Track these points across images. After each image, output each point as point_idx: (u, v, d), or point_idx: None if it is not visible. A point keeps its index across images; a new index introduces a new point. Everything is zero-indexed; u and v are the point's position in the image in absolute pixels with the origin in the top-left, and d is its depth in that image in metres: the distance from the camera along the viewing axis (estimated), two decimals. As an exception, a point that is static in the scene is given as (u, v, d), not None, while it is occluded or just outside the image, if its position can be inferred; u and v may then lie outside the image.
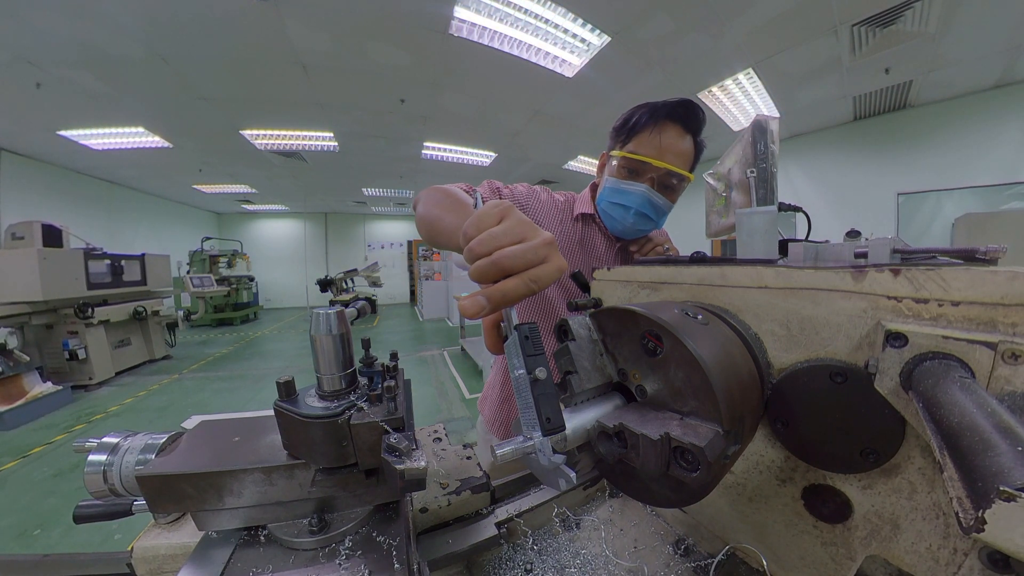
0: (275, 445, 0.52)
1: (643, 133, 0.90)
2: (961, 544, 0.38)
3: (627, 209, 0.95)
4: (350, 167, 7.55)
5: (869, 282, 0.41)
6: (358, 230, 13.52)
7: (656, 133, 0.90)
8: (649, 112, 0.90)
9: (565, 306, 0.80)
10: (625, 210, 0.95)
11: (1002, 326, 0.33)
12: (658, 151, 0.90)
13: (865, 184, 5.24)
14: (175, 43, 3.45)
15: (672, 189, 0.97)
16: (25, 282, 4.07)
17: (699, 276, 0.58)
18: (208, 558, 0.47)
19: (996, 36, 3.32)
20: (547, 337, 0.94)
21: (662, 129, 0.90)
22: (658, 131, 0.89)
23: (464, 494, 0.68)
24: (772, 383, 0.49)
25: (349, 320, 0.54)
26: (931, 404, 0.28)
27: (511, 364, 0.39)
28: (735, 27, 3.30)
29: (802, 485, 0.50)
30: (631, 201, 0.94)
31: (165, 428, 0.60)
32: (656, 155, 0.90)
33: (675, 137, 0.91)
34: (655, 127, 0.90)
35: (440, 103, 4.81)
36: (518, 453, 0.38)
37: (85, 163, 6.58)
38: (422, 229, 0.78)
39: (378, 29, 3.34)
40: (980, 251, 0.48)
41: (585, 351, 0.49)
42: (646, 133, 0.90)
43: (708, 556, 0.62)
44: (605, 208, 1.00)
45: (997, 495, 0.18)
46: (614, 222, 1.00)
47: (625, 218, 0.96)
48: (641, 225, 0.98)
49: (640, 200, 0.93)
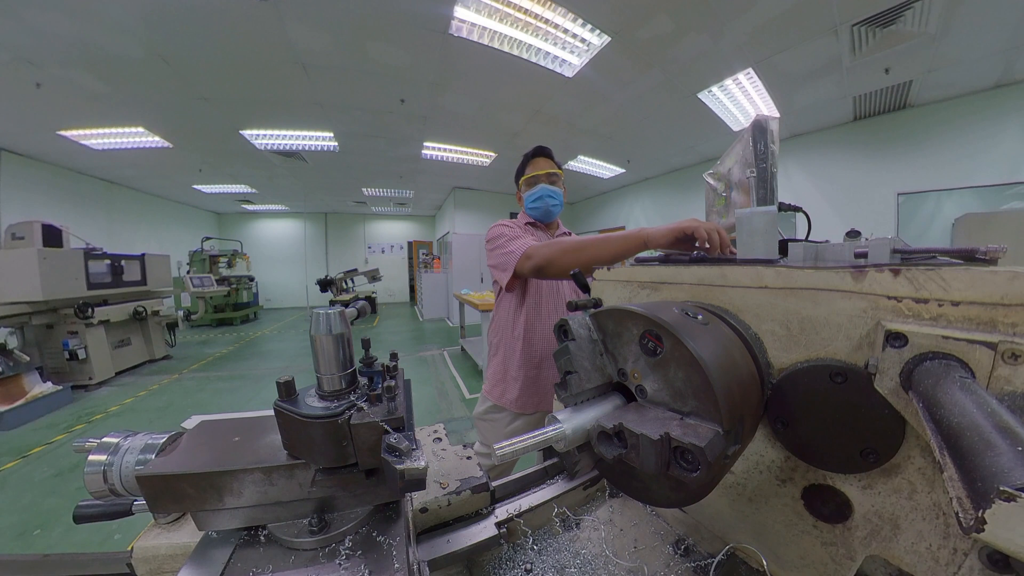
0: (275, 445, 0.52)
1: (529, 166, 1.61)
2: (961, 544, 0.38)
3: (541, 199, 1.55)
4: (350, 167, 7.55)
5: (869, 282, 0.41)
6: (358, 230, 13.52)
7: (534, 163, 1.61)
8: (528, 156, 1.63)
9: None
10: (540, 200, 1.56)
11: (1002, 326, 0.33)
12: (537, 168, 1.58)
13: (865, 184, 5.24)
14: (175, 43, 3.45)
15: (555, 183, 1.58)
16: (25, 282, 4.07)
17: (699, 276, 0.58)
18: (208, 558, 0.47)
19: (996, 36, 3.32)
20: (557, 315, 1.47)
21: (535, 161, 1.61)
22: (534, 162, 1.61)
23: (464, 494, 0.68)
24: (772, 383, 0.49)
25: (349, 320, 0.54)
26: (931, 404, 0.28)
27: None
28: (735, 27, 3.30)
29: (802, 485, 0.50)
30: (541, 193, 1.55)
31: (165, 428, 0.60)
32: (538, 170, 1.57)
33: (542, 161, 1.61)
34: (533, 160, 1.61)
35: (440, 103, 4.81)
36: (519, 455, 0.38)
37: (85, 163, 6.58)
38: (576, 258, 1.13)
39: (378, 29, 3.34)
40: (980, 251, 0.48)
41: (585, 351, 0.49)
42: (530, 165, 1.61)
43: (708, 556, 0.62)
44: (532, 209, 1.59)
45: (997, 495, 0.18)
46: (540, 212, 1.58)
47: (542, 205, 1.56)
48: (552, 204, 1.56)
49: (543, 191, 1.55)
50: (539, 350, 1.47)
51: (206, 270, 9.29)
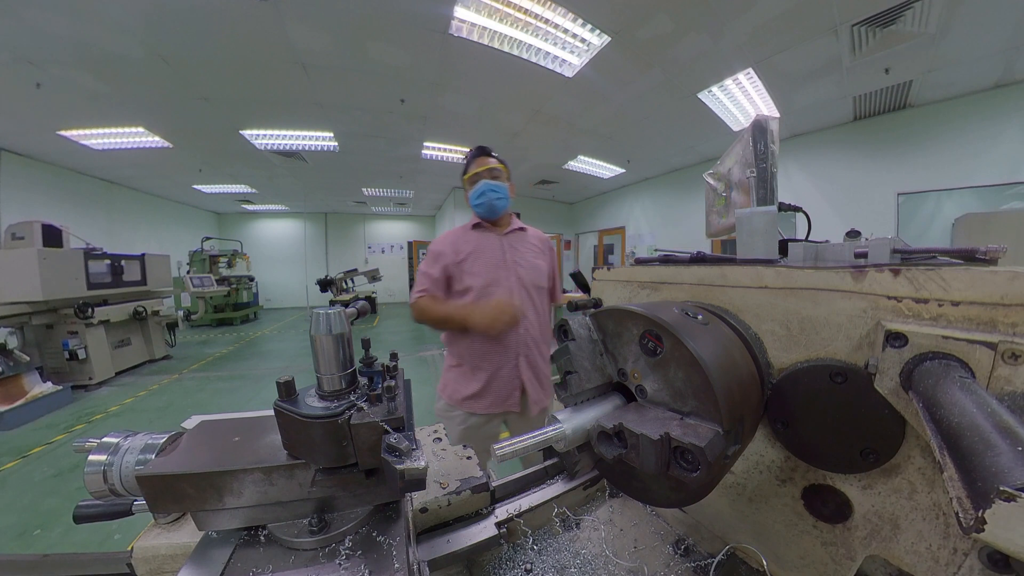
0: (275, 445, 0.52)
1: (472, 164, 1.60)
2: (961, 544, 0.38)
3: (484, 194, 1.54)
4: (350, 167, 7.54)
5: (869, 282, 0.41)
6: (358, 230, 13.52)
7: (476, 161, 1.60)
8: (470, 156, 1.64)
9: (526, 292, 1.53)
10: (484, 196, 1.54)
11: (1002, 326, 0.33)
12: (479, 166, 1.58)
13: (865, 184, 5.24)
14: (175, 43, 3.45)
15: (498, 178, 1.57)
16: (25, 282, 4.07)
17: (699, 276, 0.58)
18: (208, 558, 0.47)
19: (996, 36, 3.32)
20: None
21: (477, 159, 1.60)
22: (476, 160, 1.60)
23: (464, 494, 0.68)
24: (772, 383, 0.49)
25: (349, 320, 0.54)
26: (931, 404, 0.28)
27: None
28: (735, 27, 3.30)
29: (802, 485, 0.50)
30: (483, 188, 1.54)
31: (165, 428, 0.60)
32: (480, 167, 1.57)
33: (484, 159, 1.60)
34: (475, 159, 1.61)
35: (440, 103, 4.80)
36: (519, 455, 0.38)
37: (85, 163, 6.58)
38: (422, 319, 1.52)
39: (378, 29, 3.34)
40: (980, 251, 0.48)
41: (585, 351, 0.49)
42: (473, 164, 1.60)
43: (708, 556, 0.62)
44: (476, 206, 1.57)
45: (997, 495, 0.18)
46: (484, 208, 1.56)
47: (486, 201, 1.54)
48: (496, 199, 1.54)
49: (486, 186, 1.54)
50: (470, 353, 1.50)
51: (206, 270, 9.29)
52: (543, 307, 1.60)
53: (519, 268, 1.53)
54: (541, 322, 1.56)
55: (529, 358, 1.49)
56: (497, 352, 1.46)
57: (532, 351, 1.50)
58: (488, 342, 1.45)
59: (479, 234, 1.58)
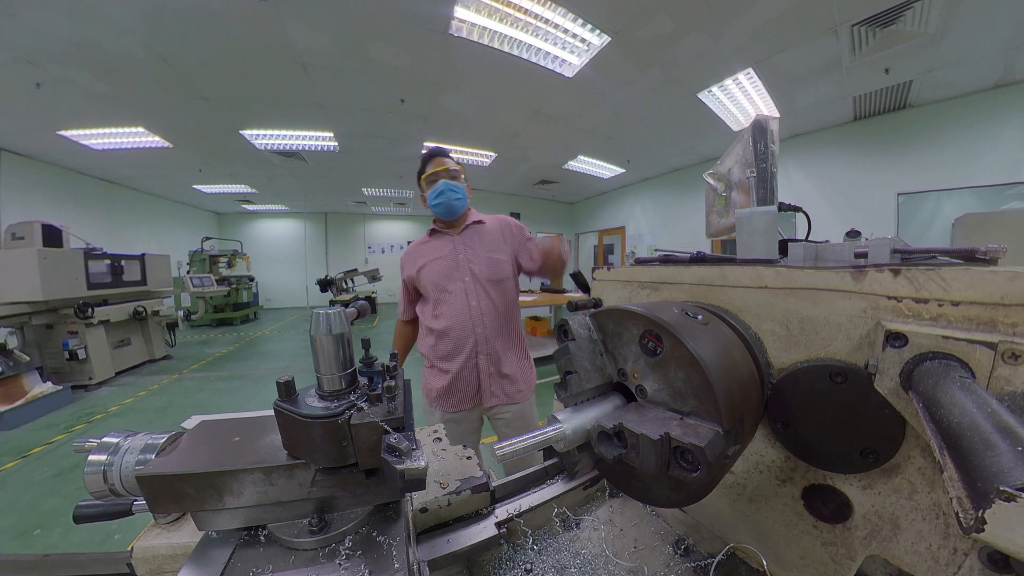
0: (275, 445, 0.52)
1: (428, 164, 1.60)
2: (961, 544, 0.38)
3: (443, 194, 1.54)
4: (350, 167, 7.55)
5: (869, 282, 0.41)
6: (358, 230, 13.51)
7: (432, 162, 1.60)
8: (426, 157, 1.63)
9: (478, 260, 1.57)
10: (442, 195, 1.54)
11: (1002, 326, 0.33)
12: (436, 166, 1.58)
13: (865, 184, 5.24)
14: (175, 43, 3.45)
15: (455, 177, 1.57)
16: (25, 282, 4.07)
17: (699, 276, 0.58)
18: (208, 558, 0.47)
19: (996, 36, 3.32)
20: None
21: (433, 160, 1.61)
22: (432, 161, 1.60)
23: (464, 494, 0.68)
24: (772, 383, 0.49)
25: (349, 320, 0.54)
26: (931, 404, 0.28)
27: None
28: (735, 27, 3.30)
29: (802, 485, 0.50)
30: (442, 188, 1.54)
31: (165, 428, 0.60)
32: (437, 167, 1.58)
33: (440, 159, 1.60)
34: (431, 160, 1.60)
35: (440, 103, 4.81)
36: (519, 455, 0.38)
37: (85, 163, 6.58)
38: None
39: (378, 29, 3.34)
40: (980, 251, 0.48)
41: (585, 351, 0.49)
42: (429, 164, 1.60)
43: (708, 556, 0.62)
44: (435, 206, 1.57)
45: (997, 495, 0.18)
46: (442, 208, 1.56)
47: (444, 200, 1.55)
48: (454, 199, 1.55)
49: (444, 186, 1.54)
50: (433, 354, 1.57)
51: (206, 270, 9.29)
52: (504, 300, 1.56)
53: (472, 266, 1.53)
54: (502, 315, 1.54)
55: (490, 355, 1.50)
56: (455, 353, 1.49)
57: (493, 346, 1.50)
58: (447, 342, 1.49)
59: (435, 241, 1.62)
